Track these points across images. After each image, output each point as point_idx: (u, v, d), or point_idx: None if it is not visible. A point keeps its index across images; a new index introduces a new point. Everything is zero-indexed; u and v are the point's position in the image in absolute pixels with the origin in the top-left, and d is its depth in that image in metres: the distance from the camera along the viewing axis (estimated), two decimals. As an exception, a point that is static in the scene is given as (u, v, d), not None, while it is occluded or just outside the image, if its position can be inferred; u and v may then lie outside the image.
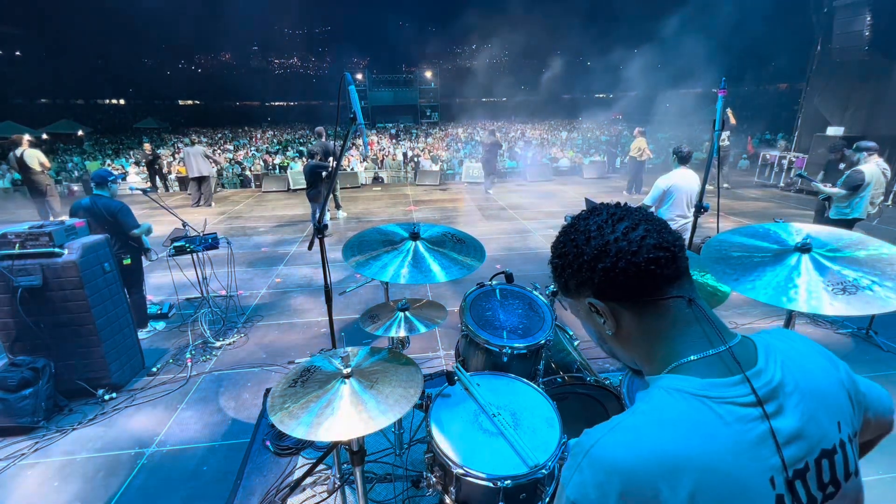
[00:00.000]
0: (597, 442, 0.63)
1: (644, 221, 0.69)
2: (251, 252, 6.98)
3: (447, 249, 2.30)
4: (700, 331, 0.68)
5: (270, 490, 2.49)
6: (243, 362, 3.82)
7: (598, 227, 0.70)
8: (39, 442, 2.90)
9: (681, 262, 0.69)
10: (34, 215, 8.43)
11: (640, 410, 0.65)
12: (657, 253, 0.66)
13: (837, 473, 0.66)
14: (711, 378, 0.64)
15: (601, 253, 0.68)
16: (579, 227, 0.73)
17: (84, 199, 4.00)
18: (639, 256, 0.66)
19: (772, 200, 10.27)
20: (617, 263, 0.67)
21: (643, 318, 0.70)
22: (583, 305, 0.75)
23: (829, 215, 4.86)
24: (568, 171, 15.21)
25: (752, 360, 0.68)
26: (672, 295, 0.68)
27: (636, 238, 0.67)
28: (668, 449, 0.59)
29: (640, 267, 0.66)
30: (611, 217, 0.71)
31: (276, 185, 13.02)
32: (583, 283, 0.72)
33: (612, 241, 0.68)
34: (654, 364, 0.71)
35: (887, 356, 3.68)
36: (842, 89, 10.58)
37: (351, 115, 1.87)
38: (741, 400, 0.62)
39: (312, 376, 1.65)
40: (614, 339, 0.75)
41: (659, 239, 0.67)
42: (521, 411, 1.72)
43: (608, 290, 0.69)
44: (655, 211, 4.33)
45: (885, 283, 1.43)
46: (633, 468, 0.58)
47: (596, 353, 3.76)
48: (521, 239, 7.47)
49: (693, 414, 0.61)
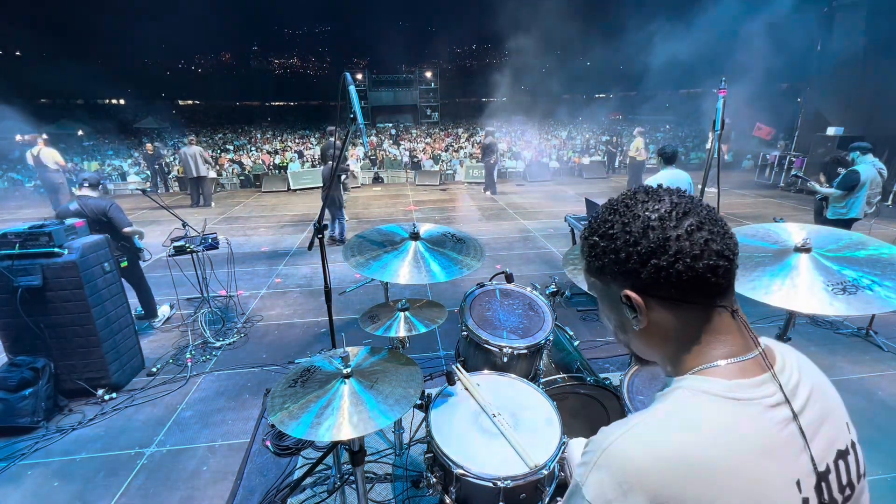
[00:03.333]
0: (615, 441, 0.60)
1: (709, 222, 0.63)
2: (251, 252, 6.98)
3: (447, 249, 2.30)
4: (735, 339, 0.65)
5: (270, 490, 2.49)
6: (243, 362, 3.82)
7: (659, 218, 0.63)
8: (39, 442, 2.89)
9: (735, 272, 0.65)
10: (50, 212, 8.63)
11: (662, 410, 0.62)
12: (718, 261, 0.61)
13: (851, 475, 0.65)
14: (738, 379, 0.62)
15: (659, 248, 0.62)
16: (637, 212, 0.65)
17: (70, 203, 3.90)
18: (700, 261, 0.61)
19: (772, 200, 10.28)
20: (674, 264, 0.61)
21: (681, 322, 0.66)
22: (612, 293, 0.69)
23: (827, 216, 4.87)
24: (566, 172, 15.21)
25: (773, 360, 0.66)
26: (719, 304, 0.64)
27: (700, 240, 0.61)
28: (693, 452, 0.56)
29: (698, 272, 0.61)
30: (675, 208, 0.63)
31: (276, 185, 13.02)
32: (625, 273, 0.65)
33: (673, 237, 0.61)
34: (679, 365, 0.68)
35: (887, 356, 3.68)
36: (842, 89, 10.58)
37: (351, 115, 1.87)
38: (767, 400, 0.60)
39: (312, 376, 1.65)
40: (640, 336, 0.70)
41: (722, 245, 0.62)
42: (521, 411, 1.72)
43: (653, 287, 0.64)
44: None
45: (885, 283, 1.43)
46: (655, 469, 0.56)
47: (596, 353, 3.76)
48: (521, 239, 7.47)
49: (720, 416, 0.59)
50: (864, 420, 2.92)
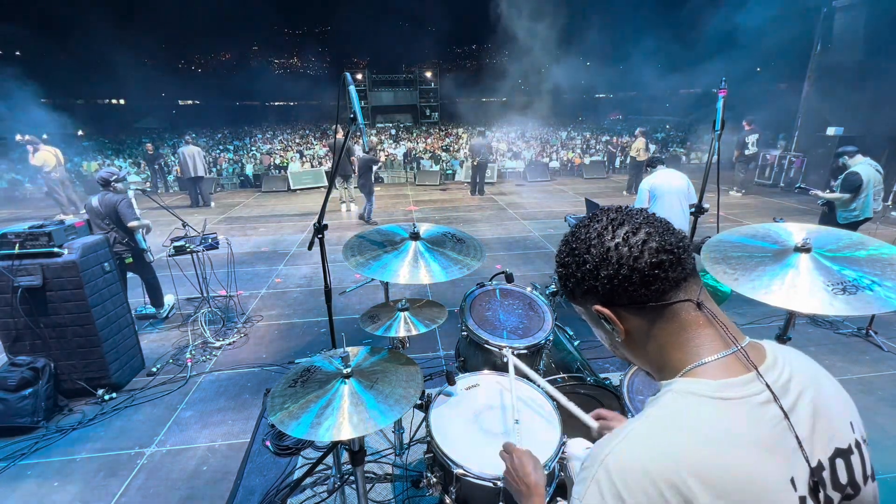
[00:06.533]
0: (611, 452, 0.61)
1: (645, 224, 0.67)
2: (251, 252, 6.98)
3: (447, 249, 2.30)
4: (711, 333, 0.67)
5: (270, 490, 2.49)
6: (243, 362, 3.82)
7: (598, 235, 0.69)
8: (39, 442, 2.90)
9: (686, 263, 0.67)
10: (52, 212, 8.68)
11: (651, 415, 0.64)
12: (660, 256, 0.65)
13: (855, 475, 0.64)
14: (725, 379, 0.62)
15: (602, 261, 0.67)
16: (580, 236, 0.71)
17: (93, 197, 4.20)
18: (641, 261, 0.65)
19: (772, 200, 10.27)
20: (619, 270, 0.65)
21: (651, 324, 0.68)
22: (590, 313, 0.73)
23: (839, 221, 4.84)
24: (566, 172, 15.21)
25: (762, 358, 0.66)
26: (679, 299, 0.66)
27: (637, 243, 0.65)
28: (686, 454, 0.57)
29: (644, 272, 0.65)
30: (610, 223, 0.69)
31: (276, 185, 13.02)
32: (588, 291, 0.71)
33: (612, 247, 0.66)
34: (666, 370, 0.69)
35: (887, 356, 3.68)
36: (841, 89, 10.58)
37: (351, 115, 1.87)
38: (756, 398, 0.61)
39: (312, 376, 1.65)
40: (625, 346, 0.73)
41: (661, 242, 0.65)
42: (521, 411, 1.72)
43: (613, 297, 0.68)
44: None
45: (885, 283, 1.43)
46: (650, 474, 0.57)
47: (596, 353, 3.76)
48: (521, 239, 7.47)
49: (710, 417, 0.60)
50: (863, 420, 2.89)
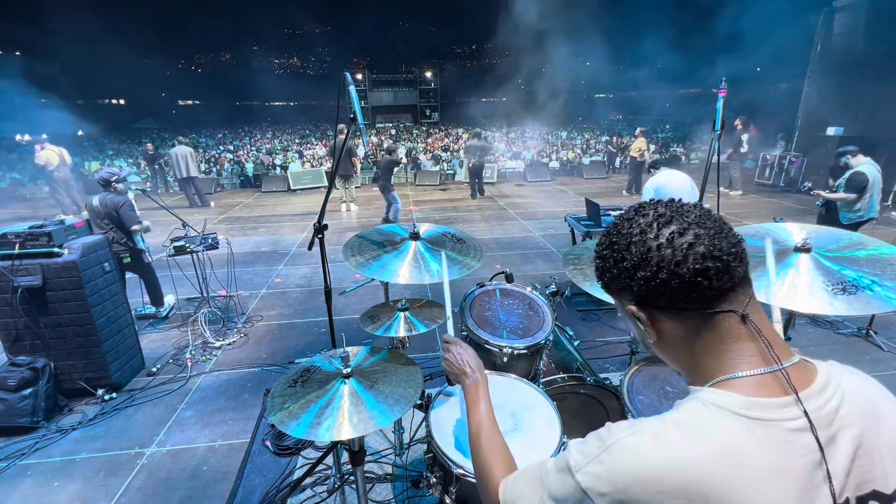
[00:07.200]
0: (619, 440, 0.60)
1: (696, 225, 0.61)
2: (251, 252, 6.98)
3: (447, 249, 2.30)
4: (752, 348, 0.62)
5: (270, 490, 2.48)
6: (243, 362, 3.82)
7: (641, 231, 0.63)
8: (39, 442, 2.89)
9: (735, 272, 0.61)
10: (54, 212, 8.77)
11: (669, 418, 0.61)
12: (706, 263, 0.59)
13: None
14: (758, 397, 0.58)
15: (642, 261, 0.62)
16: (622, 229, 0.66)
17: (94, 197, 4.20)
18: (684, 267, 0.59)
19: (772, 200, 10.27)
20: (658, 274, 0.60)
21: (687, 331, 0.64)
22: (624, 309, 0.70)
23: (842, 221, 4.82)
24: (566, 171, 15.21)
25: (808, 381, 0.60)
26: (722, 309, 0.61)
27: (682, 245, 0.60)
28: (694, 466, 0.55)
29: (685, 279, 0.59)
30: (657, 219, 0.63)
31: (276, 185, 13.02)
32: (623, 288, 0.67)
33: (654, 247, 0.61)
34: (697, 376, 0.66)
35: (887, 356, 3.68)
36: (842, 89, 10.58)
37: (351, 115, 1.87)
38: (790, 424, 0.56)
39: (312, 376, 1.65)
40: (657, 347, 0.70)
41: (710, 246, 0.59)
42: (521, 411, 1.71)
43: (649, 299, 0.64)
44: None
45: (885, 283, 1.43)
46: (649, 476, 0.56)
47: (596, 353, 3.76)
48: (521, 239, 7.47)
49: (730, 432, 0.56)
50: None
